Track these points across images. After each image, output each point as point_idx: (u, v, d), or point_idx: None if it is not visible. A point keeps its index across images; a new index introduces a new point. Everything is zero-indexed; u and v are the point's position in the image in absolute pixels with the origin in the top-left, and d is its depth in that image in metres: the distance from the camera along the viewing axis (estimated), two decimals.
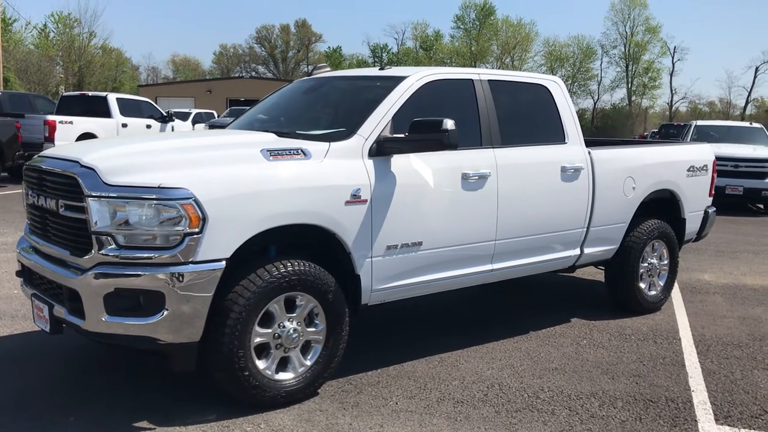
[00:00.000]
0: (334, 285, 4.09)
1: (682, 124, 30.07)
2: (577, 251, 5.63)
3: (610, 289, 6.26)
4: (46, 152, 4.21)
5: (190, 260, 3.58)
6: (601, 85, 72.42)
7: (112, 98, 17.36)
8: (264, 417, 3.85)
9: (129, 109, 17.61)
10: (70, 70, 55.45)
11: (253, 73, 78.23)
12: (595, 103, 71.98)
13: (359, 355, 4.77)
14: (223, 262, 3.66)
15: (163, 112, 19.21)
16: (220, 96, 51.45)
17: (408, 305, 4.79)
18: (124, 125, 17.01)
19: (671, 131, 30.74)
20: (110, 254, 3.58)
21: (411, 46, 78.15)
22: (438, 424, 3.85)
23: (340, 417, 3.89)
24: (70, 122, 15.42)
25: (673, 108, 72.71)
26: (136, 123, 17.51)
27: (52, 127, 14.97)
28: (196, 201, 3.57)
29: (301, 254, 4.04)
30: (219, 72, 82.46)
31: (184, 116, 25.57)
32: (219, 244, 3.65)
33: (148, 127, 17.97)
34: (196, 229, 3.57)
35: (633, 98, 70.97)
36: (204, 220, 3.58)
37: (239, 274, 3.81)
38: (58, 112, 16.55)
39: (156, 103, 20.52)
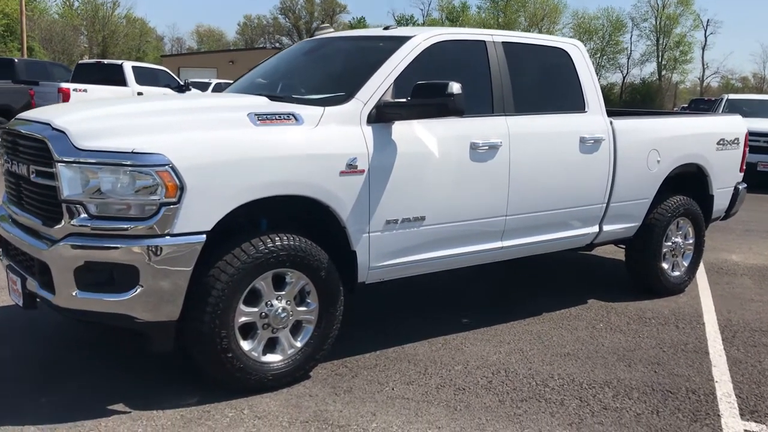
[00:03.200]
0: (327, 262, 3.79)
1: (713, 99, 29.21)
2: (596, 228, 5.27)
3: (630, 269, 5.89)
4: (24, 114, 3.93)
5: (167, 232, 3.30)
6: (631, 59, 70.91)
7: (127, 66, 17.12)
8: (249, 401, 3.59)
9: (145, 77, 17.35)
10: (94, 40, 55.54)
11: (277, 44, 77.65)
12: (624, 78, 70.52)
13: (356, 336, 4.48)
14: (204, 236, 3.37)
15: (181, 82, 18.94)
16: (242, 67, 50.79)
17: (410, 283, 4.48)
18: (140, 94, 16.78)
19: (702, 106, 29.92)
20: (81, 225, 3.30)
21: (437, 17, 76.97)
22: (435, 413, 3.55)
23: (330, 403, 3.61)
24: (84, 90, 15.20)
25: (705, 83, 71.04)
26: (152, 92, 17.25)
27: (65, 94, 14.75)
28: (173, 168, 3.27)
29: (292, 228, 3.73)
30: (243, 43, 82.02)
31: (203, 86, 25.28)
32: (199, 216, 3.36)
33: None
34: (173, 199, 3.28)
35: (663, 73, 69.37)
36: (182, 189, 3.29)
37: (222, 249, 3.52)
38: (74, 80, 16.35)
39: (178, 74, 20.28)
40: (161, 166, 3.26)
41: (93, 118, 3.60)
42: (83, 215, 3.30)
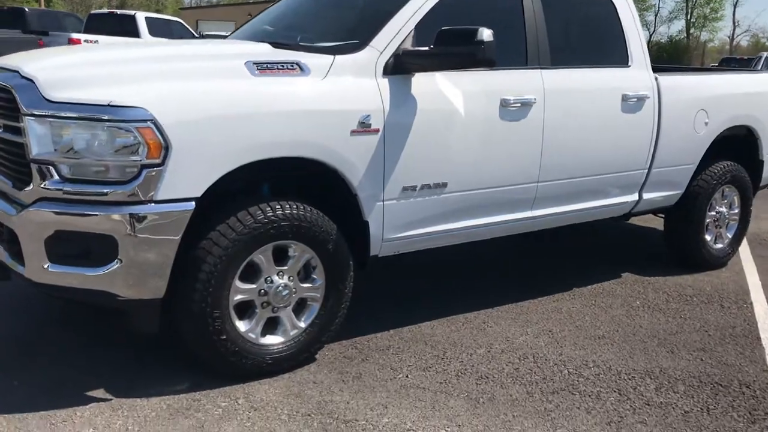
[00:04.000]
0: (335, 233, 3.34)
1: (746, 57, 28.10)
2: (635, 196, 4.76)
3: (669, 240, 5.39)
4: None
5: (150, 199, 2.86)
6: (658, 16, 68.78)
7: (140, 17, 16.57)
8: (245, 389, 3.19)
9: (158, 29, 16.79)
10: None
11: None
12: (650, 36, 68.35)
13: (368, 313, 4.06)
14: (192, 203, 2.93)
15: (195, 34, 18.38)
16: None
17: (428, 255, 4.04)
18: None
19: (733, 65, 28.81)
20: (52, 188, 2.87)
21: None
22: (455, 406, 3.13)
23: (337, 392, 3.20)
24: (96, 41, 14.71)
25: (734, 42, 68.83)
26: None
27: (75, 45, 14.29)
28: (156, 124, 2.82)
29: (295, 196, 3.28)
30: None
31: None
32: (186, 180, 2.92)
33: None
34: (157, 160, 2.84)
35: (692, 31, 67.23)
36: (166, 148, 2.84)
37: (215, 218, 3.08)
38: (86, 31, 15.86)
39: (197, 27, 19.70)
40: (142, 121, 2.81)
41: (67, 64, 3.14)
42: (55, 177, 2.87)
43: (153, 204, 2.86)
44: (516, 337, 3.91)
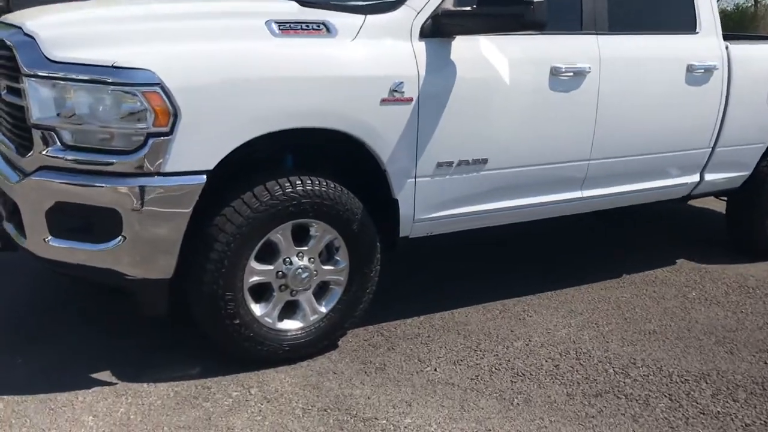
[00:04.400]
0: (361, 212, 3.06)
1: None
2: (696, 178, 4.35)
3: (731, 225, 4.95)
4: (4, 17, 3.26)
5: (157, 171, 2.61)
6: None
7: None
8: (259, 377, 2.96)
9: None
10: None
11: None
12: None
13: (397, 298, 3.78)
14: (203, 177, 2.68)
15: None
16: None
17: (465, 237, 3.73)
18: None
19: None
20: (54, 156, 2.65)
21: None
22: (486, 408, 2.85)
23: (357, 385, 2.95)
24: None
25: None
26: None
27: None
28: (164, 88, 2.56)
29: (318, 170, 3.01)
30: None
31: None
32: (197, 152, 2.66)
33: None
34: (164, 129, 2.58)
35: None
36: (175, 115, 2.58)
37: (229, 193, 2.83)
38: None
39: None
40: (149, 85, 2.55)
41: (72, 21, 2.89)
42: (57, 144, 2.64)
43: (160, 176, 2.62)
44: (557, 330, 3.59)
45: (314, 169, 3.00)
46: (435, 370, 3.12)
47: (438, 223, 3.39)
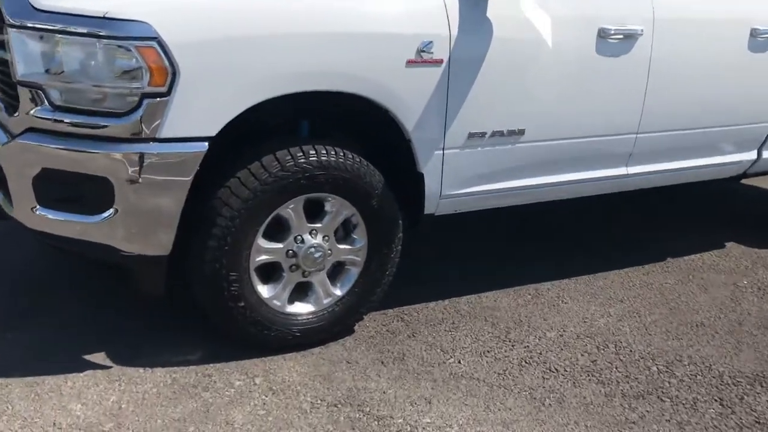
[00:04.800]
0: (381, 187, 2.76)
1: None
2: (752, 155, 3.95)
3: None
4: None
5: (152, 136, 2.34)
6: None
7: None
8: (266, 365, 2.71)
9: None
10: None
11: None
12: None
13: (421, 279, 3.50)
14: (204, 144, 2.39)
15: None
16: None
17: (496, 214, 3.41)
18: None
19: None
20: (41, 117, 2.38)
21: None
22: (513, 408, 2.57)
23: (373, 378, 2.68)
24: None
25: None
26: None
27: None
28: (161, 43, 2.26)
29: (334, 139, 2.71)
30: None
31: None
32: (198, 116, 2.38)
33: None
34: (161, 89, 2.30)
35: None
36: (173, 74, 2.29)
37: (234, 163, 2.55)
38: None
39: None
40: (144, 39, 2.26)
41: None
42: (44, 104, 2.37)
43: (156, 143, 2.34)
44: (595, 319, 3.28)
45: (330, 139, 2.70)
46: (459, 362, 2.84)
47: (467, 199, 3.08)
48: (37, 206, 2.45)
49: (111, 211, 2.38)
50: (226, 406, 2.45)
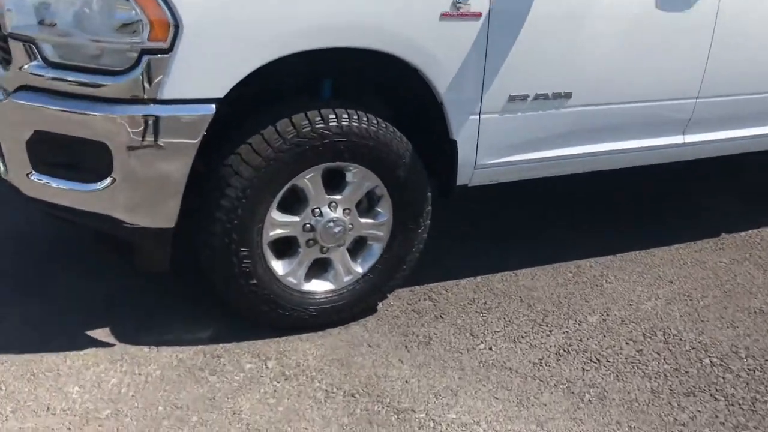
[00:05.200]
0: (410, 155, 2.50)
1: None
2: None
3: None
4: None
5: (153, 97, 2.10)
6: None
7: None
8: (280, 346, 2.51)
9: None
10: None
11: None
12: None
13: (452, 254, 3.24)
14: (211, 106, 2.15)
15: None
16: None
17: (536, 184, 3.13)
18: None
19: None
20: (35, 74, 2.17)
21: None
22: (549, 404, 2.32)
23: (395, 364, 2.46)
24: None
25: None
26: None
27: None
28: None
29: (359, 102, 2.45)
30: None
31: None
32: (204, 75, 2.13)
33: None
34: (162, 44, 2.05)
35: None
36: (176, 28, 2.04)
37: (246, 128, 2.31)
38: None
39: None
40: None
41: None
42: (37, 60, 2.15)
43: (157, 104, 2.10)
44: (642, 302, 3.00)
45: (354, 102, 2.43)
46: (490, 348, 2.60)
47: (505, 169, 2.80)
48: (33, 172, 2.25)
49: (109, 179, 2.17)
50: (234, 392, 2.26)
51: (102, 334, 2.50)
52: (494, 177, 2.82)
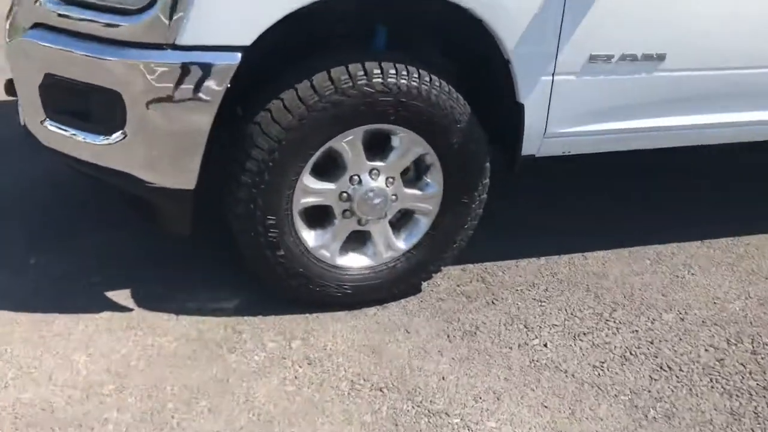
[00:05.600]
0: (467, 119, 2.17)
1: None
2: None
3: None
4: None
5: (170, 42, 1.85)
6: None
7: None
8: (308, 324, 2.27)
9: None
10: None
11: None
12: None
13: (513, 230, 2.90)
14: (237, 55, 1.88)
15: None
16: None
17: (614, 154, 2.73)
18: None
19: None
20: (47, 9, 1.95)
21: None
22: (607, 419, 2.00)
23: (433, 356, 2.19)
24: None
25: None
26: None
27: None
28: None
29: (411, 57, 2.12)
30: None
31: None
32: (229, 18, 1.86)
33: None
34: None
35: None
36: None
37: (276, 81, 2.03)
38: None
39: None
40: None
41: None
42: None
43: (174, 50, 1.85)
44: (729, 300, 2.60)
45: (408, 55, 2.12)
46: (545, 345, 2.29)
47: (579, 140, 2.44)
48: (46, 119, 2.05)
49: (122, 132, 1.94)
50: (251, 375, 2.05)
51: (122, 296, 2.32)
52: (566, 148, 2.45)
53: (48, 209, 2.80)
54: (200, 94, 1.89)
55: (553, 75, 2.22)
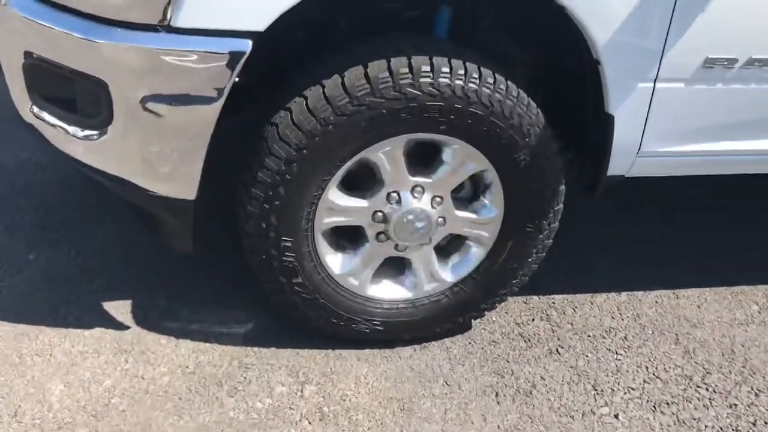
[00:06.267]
0: (539, 132, 1.72)
1: None
2: None
3: None
4: None
5: (166, 25, 1.47)
6: None
7: None
8: (327, 366, 1.90)
9: None
10: None
11: None
12: None
13: (592, 260, 2.43)
14: (247, 42, 1.48)
15: None
16: None
17: (716, 178, 2.21)
18: None
19: None
20: None
21: None
22: None
23: (475, 423, 1.78)
24: None
25: None
26: None
27: None
28: None
29: (462, 52, 1.69)
30: None
31: None
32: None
33: None
34: None
35: None
36: None
37: (297, 76, 1.64)
38: None
39: None
40: None
41: None
42: None
43: (169, 34, 1.48)
44: None
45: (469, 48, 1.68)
46: (616, 416, 1.84)
47: (682, 161, 1.94)
48: (32, 104, 1.73)
49: (111, 128, 1.60)
50: (249, 431, 1.70)
51: (120, 309, 2.01)
52: (664, 169, 1.96)
53: (55, 201, 2.49)
54: (202, 87, 1.51)
55: (654, 81, 1.73)
